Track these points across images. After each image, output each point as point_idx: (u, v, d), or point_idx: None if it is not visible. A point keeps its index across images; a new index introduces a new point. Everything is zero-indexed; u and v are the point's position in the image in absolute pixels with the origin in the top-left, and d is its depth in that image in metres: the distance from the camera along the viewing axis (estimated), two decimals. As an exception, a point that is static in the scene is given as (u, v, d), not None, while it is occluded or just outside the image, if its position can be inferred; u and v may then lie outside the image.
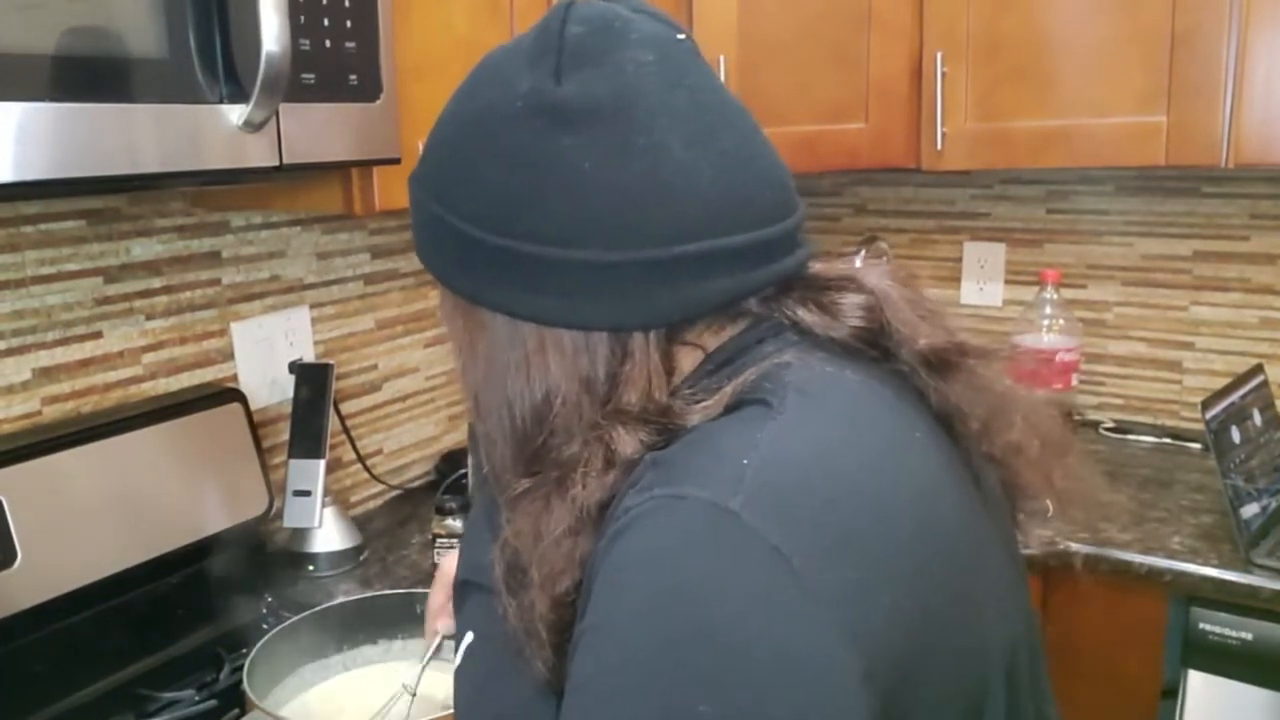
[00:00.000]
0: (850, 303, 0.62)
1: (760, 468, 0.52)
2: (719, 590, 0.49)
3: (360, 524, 1.52)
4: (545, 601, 0.57)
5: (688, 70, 0.60)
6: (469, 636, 0.69)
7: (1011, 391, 0.65)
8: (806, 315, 0.61)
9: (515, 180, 0.58)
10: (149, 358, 1.32)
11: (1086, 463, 0.68)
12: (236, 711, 1.05)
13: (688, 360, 0.62)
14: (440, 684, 0.92)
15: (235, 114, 0.93)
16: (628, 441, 0.57)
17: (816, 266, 0.65)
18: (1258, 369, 1.55)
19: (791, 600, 0.49)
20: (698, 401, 0.58)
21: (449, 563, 0.92)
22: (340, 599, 1.19)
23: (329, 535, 1.42)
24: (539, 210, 0.58)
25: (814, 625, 0.49)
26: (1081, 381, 1.90)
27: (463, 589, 0.72)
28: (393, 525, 1.59)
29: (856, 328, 0.62)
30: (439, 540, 1.35)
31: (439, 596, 0.94)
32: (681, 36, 0.62)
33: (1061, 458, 0.66)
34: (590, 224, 0.57)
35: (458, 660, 0.69)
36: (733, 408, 0.57)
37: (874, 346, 0.62)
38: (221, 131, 0.93)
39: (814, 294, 0.62)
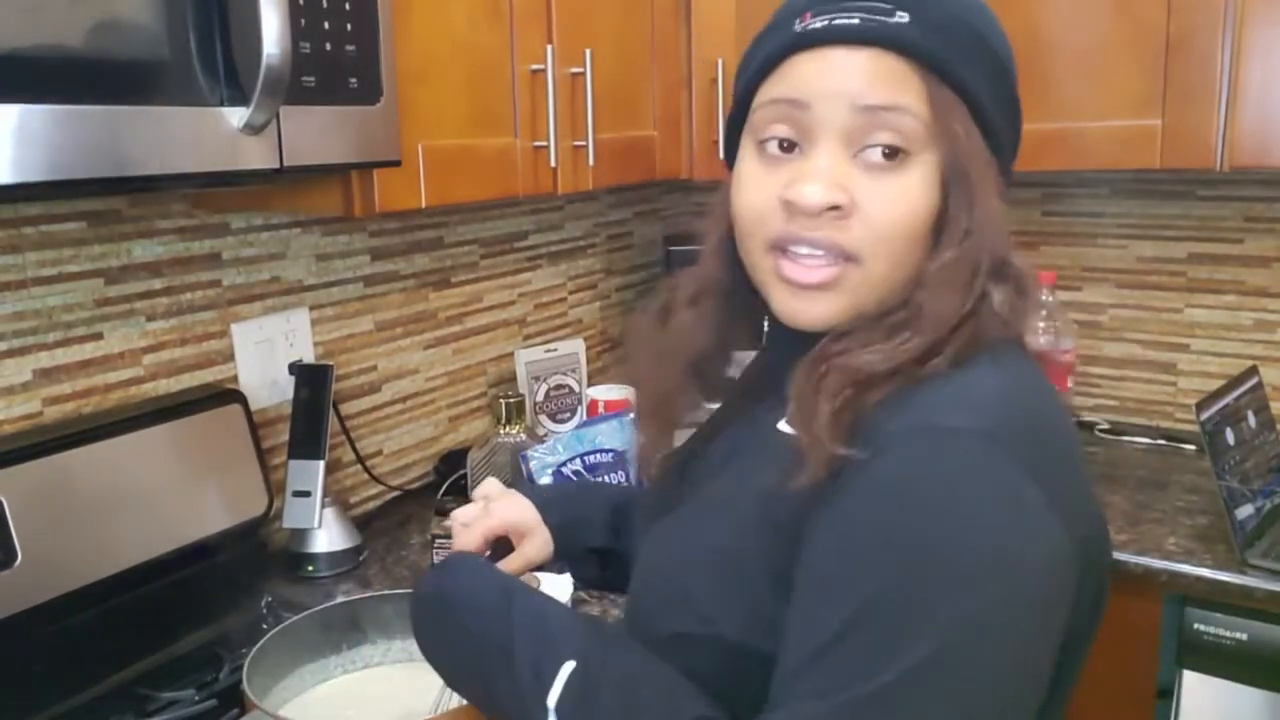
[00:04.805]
0: None
1: (1001, 402, 0.65)
2: (985, 494, 0.61)
3: (360, 525, 1.52)
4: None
5: None
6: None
7: None
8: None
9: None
10: (149, 359, 1.32)
11: None
12: (236, 711, 1.05)
13: None
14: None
15: (236, 116, 0.94)
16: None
17: None
18: (1252, 371, 1.56)
19: (1036, 504, 0.61)
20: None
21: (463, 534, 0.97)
22: (340, 599, 1.20)
23: (328, 536, 1.42)
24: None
25: (1053, 524, 0.62)
26: (1077, 383, 1.91)
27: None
28: (392, 526, 1.59)
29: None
30: (438, 541, 1.36)
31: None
32: None
33: None
34: None
35: None
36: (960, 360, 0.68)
37: None
38: (222, 134, 0.94)
39: None
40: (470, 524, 0.94)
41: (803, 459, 0.65)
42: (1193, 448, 1.75)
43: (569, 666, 0.69)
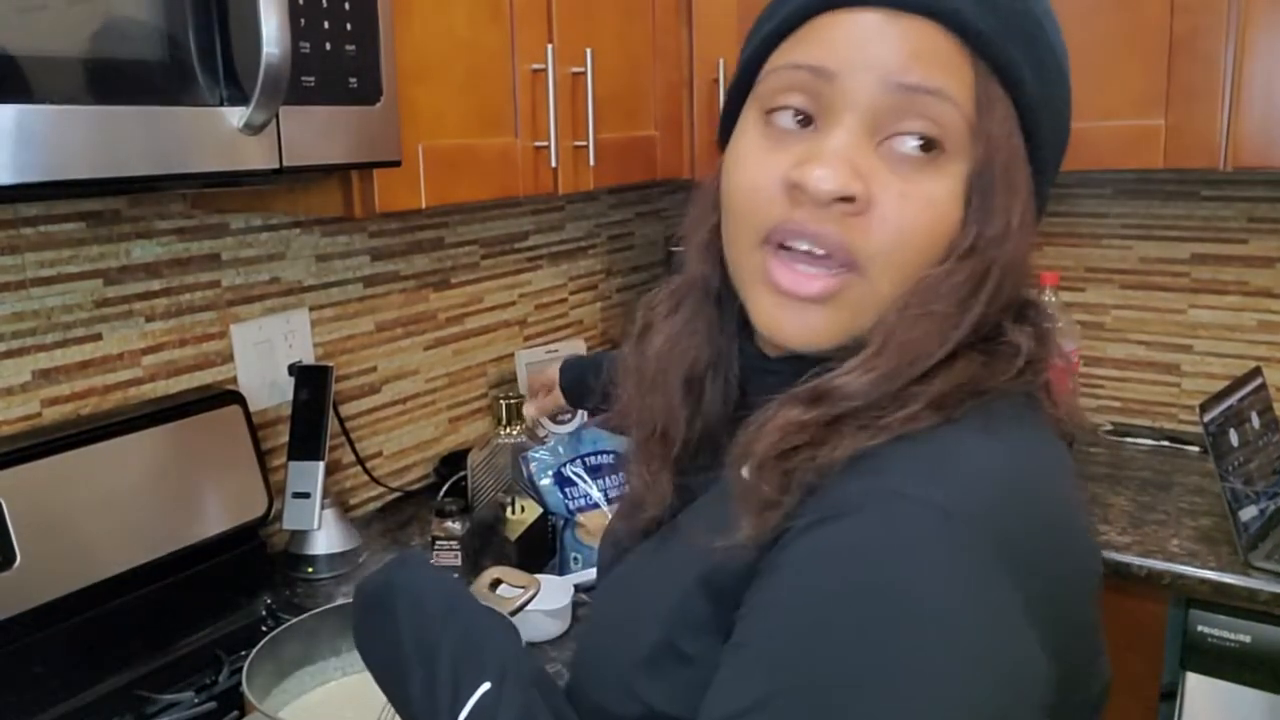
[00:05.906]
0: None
1: (986, 478, 0.54)
2: (940, 586, 0.50)
3: (359, 526, 1.52)
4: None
5: None
6: None
7: None
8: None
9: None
10: (148, 360, 1.32)
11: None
12: (236, 713, 1.05)
13: None
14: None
15: (235, 116, 0.94)
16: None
17: None
18: (1256, 372, 1.55)
19: (1005, 606, 0.51)
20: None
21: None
22: (339, 601, 1.19)
23: (328, 537, 1.42)
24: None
25: (1024, 633, 0.52)
26: (1080, 385, 1.90)
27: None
28: (392, 528, 1.59)
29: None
30: (439, 542, 1.36)
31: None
32: None
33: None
34: None
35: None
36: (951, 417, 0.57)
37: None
38: (222, 134, 0.93)
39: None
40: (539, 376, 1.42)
41: (736, 519, 0.57)
42: (1196, 449, 1.74)
43: (484, 686, 0.64)
